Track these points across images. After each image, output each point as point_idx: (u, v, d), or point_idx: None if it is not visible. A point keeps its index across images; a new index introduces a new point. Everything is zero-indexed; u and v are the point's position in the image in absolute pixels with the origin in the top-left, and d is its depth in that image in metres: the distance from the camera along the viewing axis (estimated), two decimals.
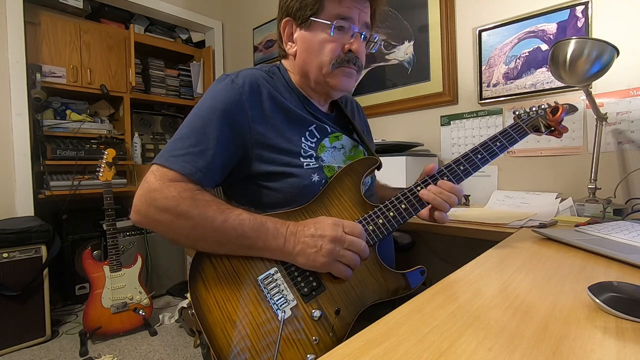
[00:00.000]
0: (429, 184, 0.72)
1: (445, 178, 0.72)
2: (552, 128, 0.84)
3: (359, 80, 0.83)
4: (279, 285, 0.62)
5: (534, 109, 0.86)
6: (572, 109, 0.86)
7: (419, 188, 0.71)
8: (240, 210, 0.64)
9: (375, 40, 0.81)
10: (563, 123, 0.84)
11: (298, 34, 0.76)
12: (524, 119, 0.83)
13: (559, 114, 0.82)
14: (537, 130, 0.83)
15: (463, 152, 0.74)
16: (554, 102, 0.86)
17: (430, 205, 0.71)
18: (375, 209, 0.70)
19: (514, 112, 0.88)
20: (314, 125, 0.77)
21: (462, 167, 0.73)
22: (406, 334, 0.38)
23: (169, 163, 0.63)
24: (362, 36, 0.75)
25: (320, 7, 0.71)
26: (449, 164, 0.74)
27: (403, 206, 0.70)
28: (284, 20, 0.76)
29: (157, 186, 0.61)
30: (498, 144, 0.76)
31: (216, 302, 0.61)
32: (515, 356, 0.32)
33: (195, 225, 0.60)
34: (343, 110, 0.88)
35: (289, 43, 0.78)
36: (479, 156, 0.74)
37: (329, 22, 0.71)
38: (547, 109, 0.84)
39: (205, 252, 0.64)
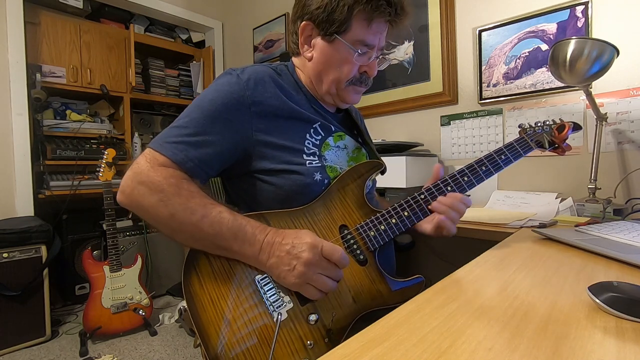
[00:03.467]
0: (434, 193, 0.71)
1: (450, 188, 0.72)
2: (556, 145, 0.82)
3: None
4: (276, 286, 0.62)
5: (539, 124, 0.84)
6: (577, 127, 0.84)
7: (422, 196, 0.71)
8: (223, 207, 0.61)
9: (387, 58, 0.83)
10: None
11: (318, 42, 0.74)
12: (529, 134, 0.82)
13: (565, 131, 0.80)
14: (540, 145, 0.81)
15: (468, 164, 0.74)
16: (559, 119, 0.84)
17: (434, 217, 0.71)
18: (378, 215, 0.70)
19: (519, 126, 0.86)
20: (319, 123, 0.76)
21: (465, 179, 0.73)
22: (406, 334, 0.38)
23: (161, 148, 0.62)
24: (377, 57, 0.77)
25: (348, 28, 0.70)
26: (453, 174, 0.73)
27: (406, 214, 0.70)
28: (304, 22, 0.74)
29: (145, 168, 0.60)
30: (503, 157, 0.75)
31: (210, 299, 0.60)
32: (515, 356, 0.32)
33: (174, 214, 0.59)
34: (349, 112, 0.88)
35: (306, 46, 0.77)
36: (484, 168, 0.73)
37: (353, 49, 0.72)
38: (553, 126, 0.83)
39: (184, 245, 0.63)
